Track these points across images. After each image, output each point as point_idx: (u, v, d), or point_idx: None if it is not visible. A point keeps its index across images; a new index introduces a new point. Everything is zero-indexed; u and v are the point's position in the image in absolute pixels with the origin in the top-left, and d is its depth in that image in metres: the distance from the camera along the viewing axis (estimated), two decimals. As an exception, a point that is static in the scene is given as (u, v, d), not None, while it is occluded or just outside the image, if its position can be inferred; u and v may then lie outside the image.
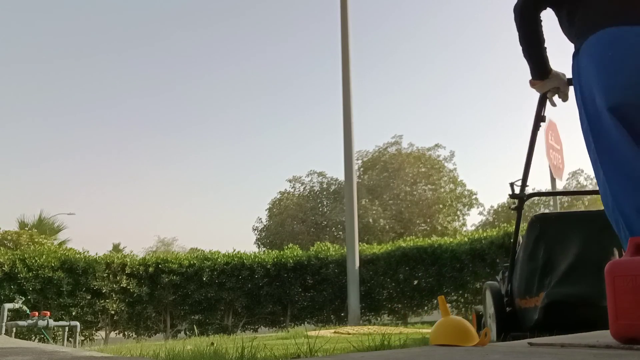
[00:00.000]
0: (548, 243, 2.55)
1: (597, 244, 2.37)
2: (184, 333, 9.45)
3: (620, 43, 1.66)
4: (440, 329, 2.12)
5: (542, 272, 2.51)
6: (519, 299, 2.66)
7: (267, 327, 10.00)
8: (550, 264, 2.50)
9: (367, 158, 26.56)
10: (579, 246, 2.47)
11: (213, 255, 9.84)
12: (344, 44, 9.23)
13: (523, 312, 2.59)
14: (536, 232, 2.61)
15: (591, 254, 2.37)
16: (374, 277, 9.90)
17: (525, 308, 2.61)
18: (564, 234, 2.55)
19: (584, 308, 2.29)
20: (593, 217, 2.57)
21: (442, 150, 26.50)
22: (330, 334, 5.01)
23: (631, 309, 1.51)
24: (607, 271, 1.64)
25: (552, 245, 2.54)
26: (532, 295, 2.52)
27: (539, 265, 2.53)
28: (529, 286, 2.57)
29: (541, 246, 2.57)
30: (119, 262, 9.25)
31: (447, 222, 24.85)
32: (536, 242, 2.59)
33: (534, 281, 2.53)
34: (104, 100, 43.99)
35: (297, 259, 9.96)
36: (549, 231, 2.57)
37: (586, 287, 2.31)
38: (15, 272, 8.44)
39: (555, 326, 2.35)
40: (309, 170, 27.94)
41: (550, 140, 7.72)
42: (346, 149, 8.84)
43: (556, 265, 2.48)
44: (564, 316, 2.38)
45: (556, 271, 2.46)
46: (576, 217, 2.73)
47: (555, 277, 2.44)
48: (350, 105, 8.95)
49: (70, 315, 8.50)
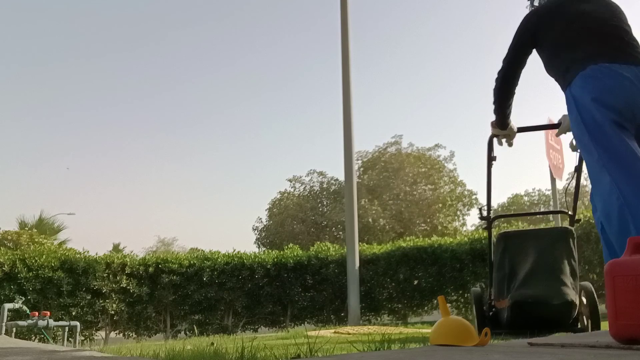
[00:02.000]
0: (511, 255, 3.09)
1: (549, 255, 2.98)
2: (184, 333, 9.45)
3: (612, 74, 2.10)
4: (440, 329, 2.12)
5: (508, 279, 3.04)
6: (495, 301, 3.16)
7: (267, 327, 10.00)
8: (514, 271, 3.04)
9: (367, 158, 26.55)
10: (535, 257, 3.01)
11: (213, 255, 9.83)
12: (344, 43, 9.23)
13: (500, 312, 3.07)
14: (502, 246, 3.15)
15: (544, 263, 2.96)
16: (374, 277, 9.90)
17: (499, 308, 3.11)
18: (523, 247, 3.08)
19: (540, 306, 2.86)
20: (546, 233, 3.16)
21: (442, 150, 26.52)
22: (330, 334, 5.01)
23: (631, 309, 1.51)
24: (606, 271, 1.64)
25: (514, 257, 3.07)
26: (503, 297, 3.03)
27: (506, 272, 3.07)
28: (500, 290, 3.08)
29: (506, 257, 3.11)
30: (119, 262, 9.24)
31: (447, 222, 24.84)
32: (502, 254, 3.13)
33: (504, 286, 3.05)
34: (103, 100, 44.00)
35: (297, 259, 9.96)
36: (511, 246, 3.12)
37: (541, 289, 2.88)
38: (15, 272, 8.43)
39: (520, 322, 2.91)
40: (309, 170, 27.96)
41: (550, 141, 7.73)
42: (346, 149, 8.84)
43: (518, 272, 3.01)
44: (526, 313, 2.89)
45: (518, 277, 3.00)
46: (533, 233, 3.19)
47: (517, 282, 2.98)
48: (350, 105, 8.94)
49: (70, 315, 8.50)
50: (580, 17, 2.27)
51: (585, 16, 2.27)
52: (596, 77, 2.11)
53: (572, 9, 2.30)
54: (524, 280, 2.95)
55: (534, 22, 2.37)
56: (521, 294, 2.88)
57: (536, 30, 2.36)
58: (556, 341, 1.82)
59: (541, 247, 3.02)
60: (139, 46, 45.89)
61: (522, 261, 3.04)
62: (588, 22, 2.26)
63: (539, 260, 2.97)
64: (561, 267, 2.94)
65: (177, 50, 45.22)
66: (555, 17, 2.32)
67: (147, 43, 45.23)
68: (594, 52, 2.18)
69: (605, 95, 2.07)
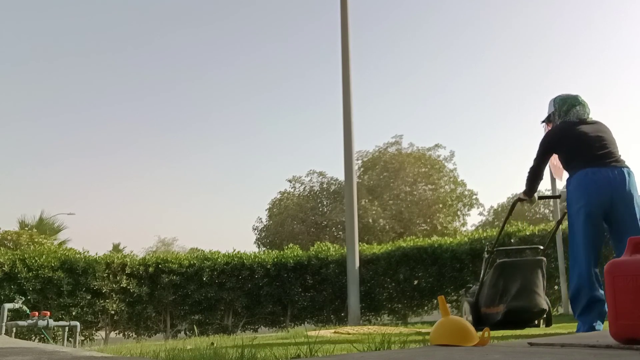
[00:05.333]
0: (504, 277, 4.36)
1: (530, 277, 4.32)
2: (184, 333, 9.44)
3: (590, 176, 3.55)
4: (440, 329, 2.12)
5: (501, 294, 4.34)
6: (484, 308, 4.45)
7: (267, 327, 10.00)
8: (506, 289, 4.33)
9: (367, 158, 26.52)
10: (521, 279, 4.31)
11: (213, 255, 9.83)
12: (344, 43, 9.21)
13: (486, 316, 4.37)
14: (499, 271, 4.41)
15: (528, 283, 4.29)
16: (374, 277, 9.90)
17: (489, 313, 4.39)
18: (513, 272, 4.36)
19: (526, 311, 4.28)
20: (530, 263, 4.45)
21: (442, 150, 26.47)
22: (330, 334, 5.00)
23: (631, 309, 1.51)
24: (606, 271, 1.64)
25: (507, 279, 4.35)
26: (495, 305, 4.37)
27: (499, 289, 4.35)
28: (493, 301, 4.38)
29: (501, 279, 4.37)
30: (119, 262, 9.24)
31: (447, 222, 24.82)
32: (498, 277, 4.39)
33: (496, 298, 4.36)
34: (103, 100, 44.00)
35: (297, 259, 9.96)
36: (505, 272, 4.38)
37: (525, 301, 4.25)
38: (15, 272, 8.43)
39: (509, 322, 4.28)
40: (309, 170, 27.89)
41: (550, 140, 7.72)
42: (346, 149, 8.83)
43: (509, 289, 4.32)
44: (516, 316, 4.27)
45: (509, 293, 4.30)
46: (522, 263, 4.50)
47: (510, 296, 4.29)
48: (350, 105, 8.93)
49: (70, 315, 8.49)
50: (579, 137, 3.68)
51: (582, 136, 3.67)
52: (586, 177, 3.55)
53: (575, 131, 3.71)
54: (515, 294, 4.28)
55: (554, 141, 3.84)
56: (512, 305, 4.24)
57: (554, 146, 3.86)
58: (556, 341, 1.81)
59: (525, 272, 4.35)
60: (139, 46, 45.89)
61: (513, 281, 4.33)
62: (584, 140, 3.65)
63: (524, 281, 4.30)
64: (538, 285, 4.33)
65: (177, 49, 45.21)
66: (564, 138, 3.77)
67: (147, 43, 45.22)
68: (586, 160, 3.59)
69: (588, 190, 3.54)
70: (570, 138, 3.71)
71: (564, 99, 3.88)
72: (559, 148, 3.81)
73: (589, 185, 3.51)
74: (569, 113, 3.81)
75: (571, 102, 3.84)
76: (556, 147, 3.83)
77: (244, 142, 46.82)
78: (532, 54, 47.57)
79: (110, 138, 46.43)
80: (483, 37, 44.60)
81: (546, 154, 3.91)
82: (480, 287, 4.62)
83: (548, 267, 8.71)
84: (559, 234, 7.82)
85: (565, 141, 3.74)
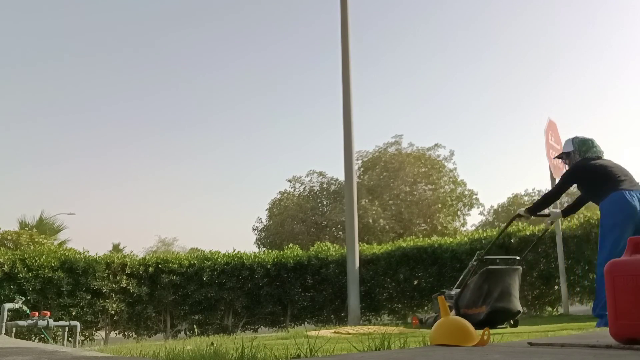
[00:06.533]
0: (489, 282, 5.08)
1: (511, 283, 5.10)
2: (184, 333, 9.44)
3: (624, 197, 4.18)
4: (440, 329, 2.12)
5: (485, 296, 5.05)
6: (465, 309, 5.15)
7: (267, 327, 9.99)
8: (490, 292, 5.02)
9: (367, 158, 26.53)
10: (503, 284, 5.04)
11: (213, 255, 9.82)
12: (344, 42, 9.21)
13: (467, 316, 4.66)
14: (484, 276, 5.13)
15: (508, 287, 5.05)
16: (374, 277, 9.89)
17: (470, 314, 4.99)
18: (497, 278, 5.09)
19: (506, 312, 5.03)
20: (511, 271, 5.17)
21: (442, 150, 26.49)
22: (330, 334, 5.00)
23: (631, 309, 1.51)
24: (606, 271, 1.64)
25: (491, 283, 5.06)
26: (478, 307, 5.06)
27: (484, 292, 5.06)
28: (475, 302, 5.09)
29: (485, 283, 5.08)
30: (119, 262, 9.23)
31: (447, 222, 24.83)
32: (483, 281, 5.10)
33: (480, 300, 5.06)
34: (103, 100, 44.01)
35: (297, 259, 9.95)
36: (489, 277, 5.11)
37: (506, 303, 5.00)
38: (15, 272, 8.42)
39: (491, 321, 4.85)
40: (309, 170, 27.93)
41: (550, 140, 7.73)
42: (346, 149, 8.82)
43: (492, 292, 5.01)
44: (497, 316, 4.97)
45: (493, 295, 5.00)
46: (504, 270, 5.19)
47: (493, 299, 4.98)
48: (350, 105, 8.93)
49: (70, 315, 8.49)
50: (605, 167, 4.38)
51: (607, 167, 4.39)
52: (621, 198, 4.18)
53: (599, 164, 4.44)
54: (497, 297, 4.98)
55: (576, 177, 4.53)
56: (495, 306, 4.96)
57: (575, 181, 4.53)
58: (556, 341, 1.81)
59: (506, 278, 5.10)
60: (139, 47, 45.90)
61: (496, 285, 5.04)
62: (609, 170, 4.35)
63: (505, 286, 5.03)
64: (516, 289, 5.12)
65: (177, 50, 45.22)
66: (588, 172, 4.46)
67: (147, 43, 45.23)
68: (616, 184, 4.24)
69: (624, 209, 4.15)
70: (596, 168, 4.42)
71: (583, 140, 4.62)
72: (583, 179, 4.49)
73: (625, 205, 4.14)
74: (589, 152, 4.55)
75: (590, 143, 4.59)
76: (581, 179, 4.50)
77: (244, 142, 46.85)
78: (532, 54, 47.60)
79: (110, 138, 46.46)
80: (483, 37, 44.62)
81: (568, 185, 4.52)
82: (463, 289, 5.26)
83: (548, 267, 8.82)
84: (559, 234, 7.82)
85: (589, 174, 4.45)
